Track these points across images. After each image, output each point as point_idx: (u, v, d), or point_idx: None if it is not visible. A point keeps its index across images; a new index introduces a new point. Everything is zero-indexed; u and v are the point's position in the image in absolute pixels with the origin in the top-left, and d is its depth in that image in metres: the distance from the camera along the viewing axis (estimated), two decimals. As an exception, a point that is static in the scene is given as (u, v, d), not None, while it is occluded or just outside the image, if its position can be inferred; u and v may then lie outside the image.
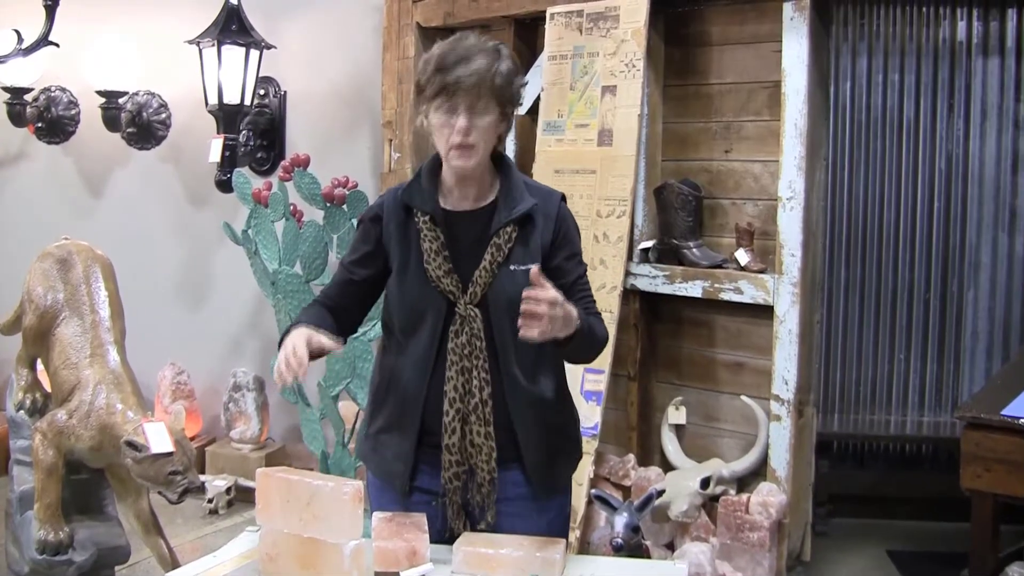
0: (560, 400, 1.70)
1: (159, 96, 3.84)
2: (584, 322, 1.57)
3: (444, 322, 1.61)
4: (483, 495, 1.63)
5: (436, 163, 1.68)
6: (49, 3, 3.20)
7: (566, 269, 1.67)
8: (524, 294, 1.47)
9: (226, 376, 3.78)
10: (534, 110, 3.11)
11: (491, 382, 1.62)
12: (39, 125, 3.88)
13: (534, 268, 1.50)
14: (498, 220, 1.63)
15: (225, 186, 3.43)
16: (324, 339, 1.53)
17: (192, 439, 3.51)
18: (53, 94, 3.88)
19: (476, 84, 1.55)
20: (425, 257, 1.62)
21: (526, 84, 1.70)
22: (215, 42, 3.33)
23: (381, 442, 1.69)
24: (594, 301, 1.71)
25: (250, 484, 3.28)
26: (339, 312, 1.68)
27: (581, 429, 1.80)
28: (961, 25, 3.51)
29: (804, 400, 2.78)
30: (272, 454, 3.66)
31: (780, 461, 2.69)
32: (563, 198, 1.72)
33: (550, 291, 1.48)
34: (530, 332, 1.47)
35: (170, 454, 2.22)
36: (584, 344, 1.60)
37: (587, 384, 2.81)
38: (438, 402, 1.62)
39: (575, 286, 1.67)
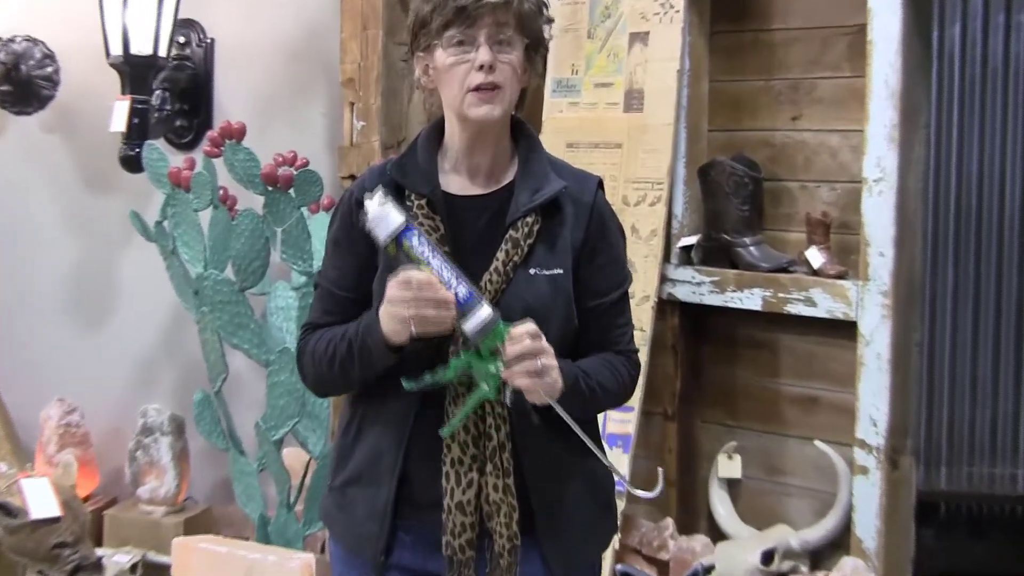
0: (588, 452, 1.71)
1: (43, 44, 3.88)
2: (581, 381, 1.62)
3: (440, 338, 1.61)
4: (502, 569, 1.65)
5: (434, 133, 1.73)
6: None
7: (601, 284, 1.70)
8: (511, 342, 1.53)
9: (133, 416, 3.81)
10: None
11: (508, 420, 1.65)
12: None
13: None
14: (515, 208, 1.66)
15: (133, 163, 3.47)
16: None
17: (86, 500, 3.55)
18: None
19: (501, 5, 1.61)
20: None
21: (552, 22, 1.77)
22: (119, -27, 3.38)
23: (349, 497, 1.72)
24: (631, 333, 1.75)
25: (164, 559, 3.31)
26: None
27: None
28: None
29: (899, 447, 2.81)
30: (193, 519, 3.69)
31: (868, 528, 2.73)
32: (600, 184, 1.76)
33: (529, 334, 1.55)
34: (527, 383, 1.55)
35: (56, 520, 2.25)
36: (581, 405, 1.64)
37: (611, 426, 2.86)
38: (430, 446, 1.64)
39: (612, 312, 1.71)
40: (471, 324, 1.53)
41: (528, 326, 1.55)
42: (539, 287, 1.66)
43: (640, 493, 1.66)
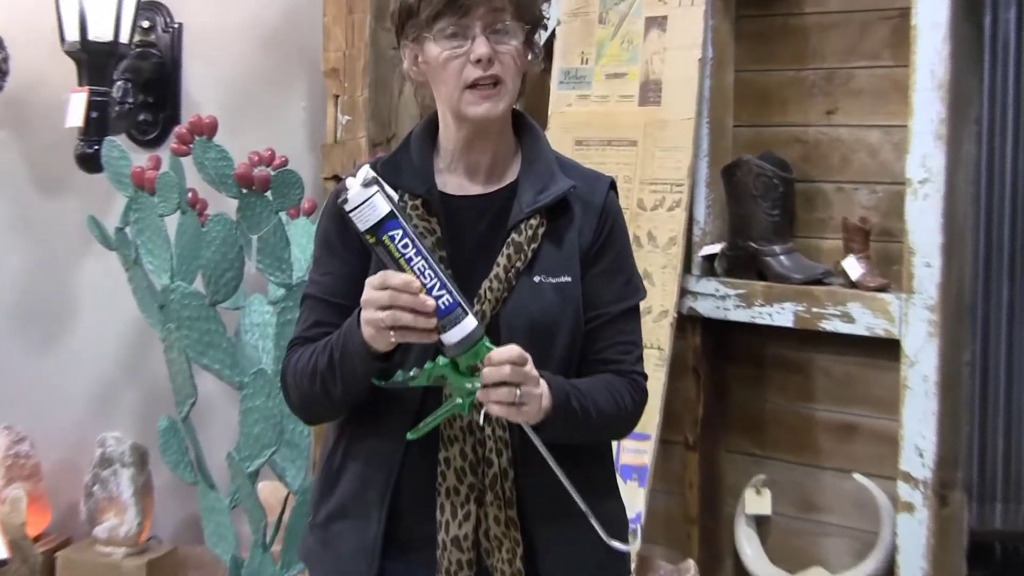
0: (598, 485, 1.73)
1: (-9, 30, 3.91)
2: (573, 399, 1.61)
3: (437, 354, 1.62)
4: None
5: (429, 129, 1.76)
6: None
7: (605, 294, 1.72)
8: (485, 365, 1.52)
9: (90, 445, 3.82)
10: (547, 54, 3.18)
11: (510, 445, 1.66)
12: None
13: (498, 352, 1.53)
14: (518, 209, 1.69)
15: (91, 162, 3.49)
16: None
17: (36, 540, 3.56)
18: None
19: None
20: None
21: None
22: (76, -49, 3.40)
23: (333, 533, 1.74)
24: (638, 353, 1.75)
25: (125, 606, 3.33)
26: None
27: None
28: None
29: (949, 481, 2.82)
30: (157, 561, 3.70)
31: (913, 572, 2.73)
32: (613, 185, 1.79)
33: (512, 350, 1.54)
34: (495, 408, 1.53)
35: (3, 563, 2.26)
36: (570, 429, 1.63)
37: (625, 456, 2.87)
38: (422, 475, 1.66)
39: (615, 325, 1.72)
40: (450, 337, 1.53)
41: (511, 351, 1.53)
42: (545, 297, 1.68)
43: (616, 545, 1.65)
